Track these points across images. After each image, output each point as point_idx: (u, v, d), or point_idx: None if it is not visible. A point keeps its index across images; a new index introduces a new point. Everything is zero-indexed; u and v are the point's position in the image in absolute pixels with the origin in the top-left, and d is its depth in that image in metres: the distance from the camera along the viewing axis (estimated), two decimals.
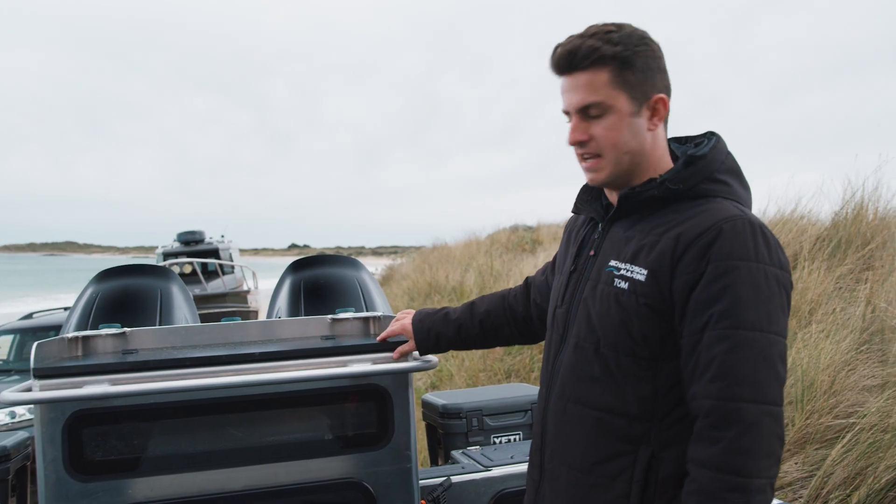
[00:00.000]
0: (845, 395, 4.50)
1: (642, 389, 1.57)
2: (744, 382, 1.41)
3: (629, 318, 1.57)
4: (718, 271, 1.46)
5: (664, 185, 1.59)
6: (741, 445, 1.40)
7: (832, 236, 6.87)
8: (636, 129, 1.61)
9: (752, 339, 1.43)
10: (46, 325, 9.55)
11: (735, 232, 1.48)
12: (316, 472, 2.24)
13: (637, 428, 1.58)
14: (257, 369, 2.12)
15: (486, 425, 3.42)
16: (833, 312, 5.46)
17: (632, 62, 1.58)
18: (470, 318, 2.18)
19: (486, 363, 8.67)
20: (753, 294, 1.44)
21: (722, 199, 1.58)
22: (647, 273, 1.55)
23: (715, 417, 1.43)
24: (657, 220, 1.60)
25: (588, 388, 1.65)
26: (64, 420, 2.02)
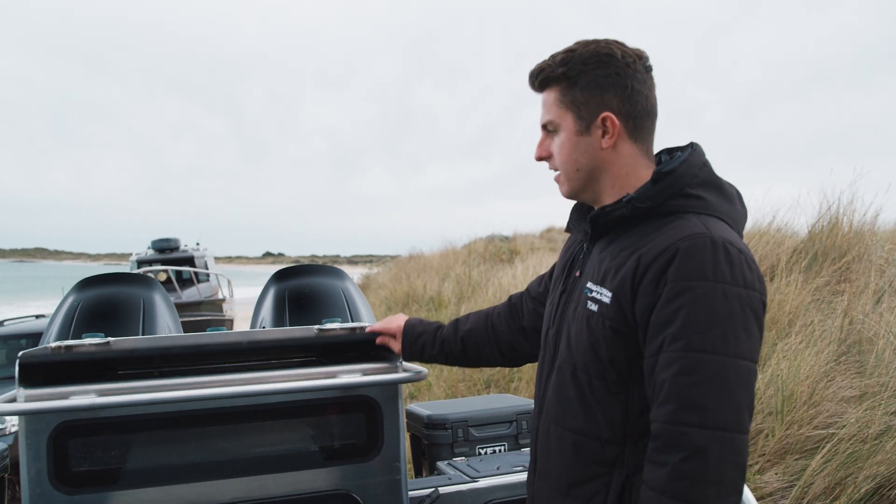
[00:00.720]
0: (824, 406, 4.54)
1: (613, 413, 1.57)
2: (691, 407, 1.38)
3: (597, 341, 1.57)
4: (673, 293, 1.44)
5: (631, 203, 1.58)
6: (684, 471, 1.37)
7: (808, 249, 6.95)
8: (585, 148, 1.64)
9: (702, 361, 1.39)
10: (17, 332, 9.40)
11: (692, 251, 1.44)
12: (305, 484, 2.21)
13: (610, 451, 1.57)
14: (246, 380, 2.10)
15: (471, 436, 3.41)
16: (811, 324, 5.52)
17: (575, 82, 1.62)
18: (453, 335, 2.18)
19: (465, 373, 8.66)
20: (707, 315, 1.41)
21: (692, 215, 1.54)
22: (612, 296, 1.54)
23: (662, 441, 1.42)
24: (627, 241, 1.59)
25: (566, 410, 1.66)
26: (49, 431, 1.98)
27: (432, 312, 12.06)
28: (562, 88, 1.64)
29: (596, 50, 1.62)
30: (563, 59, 1.63)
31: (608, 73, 1.60)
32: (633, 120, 1.63)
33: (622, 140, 1.63)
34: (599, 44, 1.62)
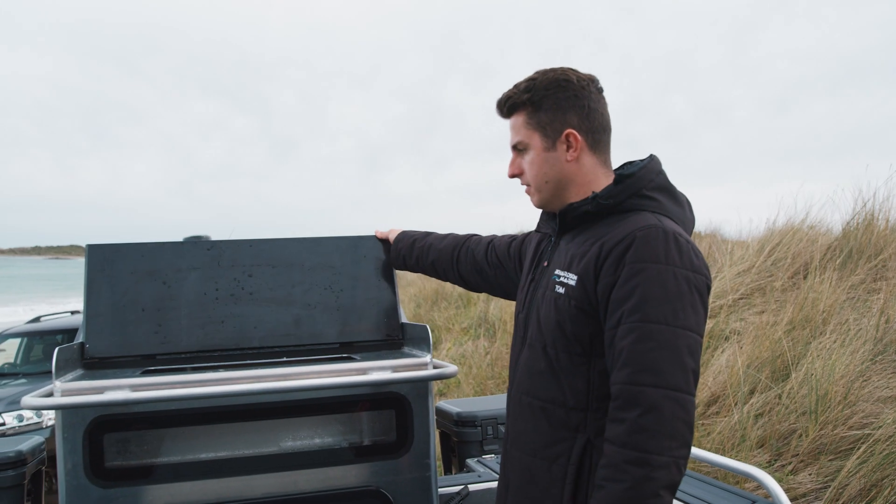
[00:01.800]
0: (860, 406, 4.47)
1: (577, 383, 1.76)
2: (647, 369, 1.57)
3: (563, 319, 1.77)
4: (630, 273, 1.64)
5: (596, 200, 1.80)
6: (642, 425, 1.55)
7: (843, 246, 6.85)
8: (552, 162, 1.87)
9: (657, 331, 1.59)
10: (53, 328, 9.57)
11: (648, 239, 1.65)
12: (335, 480, 2.22)
13: (574, 417, 1.76)
14: (279, 376, 2.11)
15: (500, 433, 3.40)
16: (846, 323, 5.44)
17: (540, 105, 1.86)
18: (427, 255, 2.52)
19: (493, 371, 8.66)
20: (660, 292, 1.61)
21: (648, 213, 1.76)
22: (577, 279, 1.76)
23: (621, 401, 1.60)
24: (590, 233, 1.81)
25: (536, 382, 1.85)
26: (85, 426, 2.01)
27: (461, 309, 12.06)
28: (528, 112, 1.88)
29: (555, 77, 1.86)
30: (526, 86, 1.88)
31: (567, 96, 1.84)
32: (592, 134, 1.87)
33: (584, 153, 1.87)
34: (557, 71, 1.87)
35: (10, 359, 9.54)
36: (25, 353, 9.41)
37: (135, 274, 2.37)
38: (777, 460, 4.53)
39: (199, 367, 2.23)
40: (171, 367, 2.26)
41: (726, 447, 4.74)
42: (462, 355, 9.71)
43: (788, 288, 6.60)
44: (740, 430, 4.79)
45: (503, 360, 8.71)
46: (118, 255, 2.37)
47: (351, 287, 2.55)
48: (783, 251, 7.09)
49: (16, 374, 8.92)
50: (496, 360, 8.87)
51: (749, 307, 6.55)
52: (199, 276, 2.42)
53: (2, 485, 2.70)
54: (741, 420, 4.84)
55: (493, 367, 8.75)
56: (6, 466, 2.73)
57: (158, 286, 2.37)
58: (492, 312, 10.56)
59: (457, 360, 9.57)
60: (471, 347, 9.85)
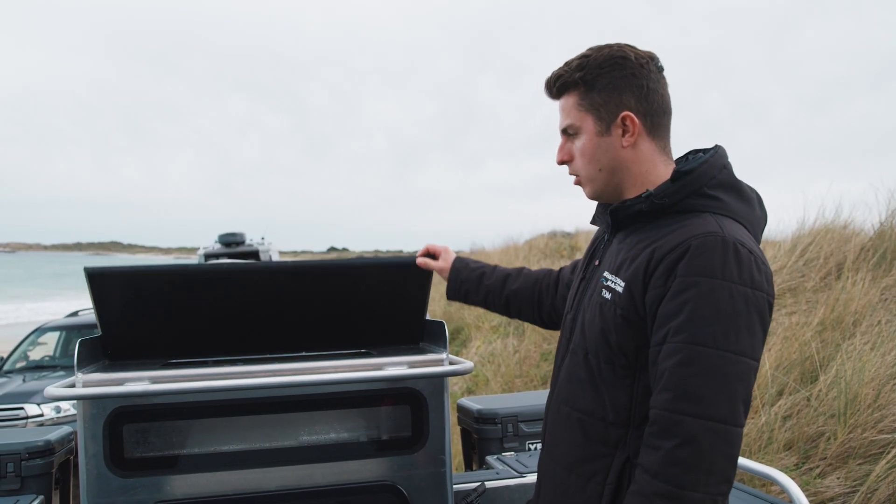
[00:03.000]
0: (891, 410, 4.40)
1: (619, 396, 1.63)
2: (688, 397, 1.44)
3: (608, 328, 1.63)
4: (681, 287, 1.49)
5: (650, 199, 1.63)
6: (677, 457, 1.43)
7: (877, 246, 6.72)
8: (606, 147, 1.70)
9: (704, 354, 1.44)
10: (91, 322, 9.78)
11: (704, 249, 1.49)
12: (350, 474, 2.25)
13: (614, 433, 1.63)
14: (296, 370, 2.15)
15: (521, 431, 3.41)
16: (878, 324, 5.35)
17: (593, 85, 1.69)
18: (500, 290, 2.31)
19: (521, 369, 8.65)
20: (712, 311, 1.46)
21: (709, 215, 1.59)
22: (625, 285, 1.61)
23: (658, 427, 1.47)
24: (643, 235, 1.65)
25: (576, 391, 1.73)
26: (105, 416, 2.06)
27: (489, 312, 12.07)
28: (580, 92, 1.71)
29: (610, 53, 1.69)
30: (578, 64, 1.71)
31: (624, 75, 1.68)
32: (651, 118, 1.70)
33: (641, 138, 1.70)
34: (612, 48, 1.70)
35: (49, 352, 9.77)
36: (64, 346, 9.63)
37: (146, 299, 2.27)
38: (805, 463, 4.47)
39: (218, 361, 2.28)
40: (191, 360, 2.31)
41: (753, 449, 4.70)
42: (491, 353, 9.72)
43: (820, 289, 6.50)
44: (767, 433, 4.74)
45: (531, 359, 8.70)
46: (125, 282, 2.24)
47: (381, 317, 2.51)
48: (815, 251, 6.98)
49: (54, 367, 9.14)
50: (525, 359, 8.86)
51: (780, 308, 6.46)
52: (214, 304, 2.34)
53: (30, 473, 2.78)
54: (768, 422, 4.78)
55: (522, 365, 8.74)
56: (34, 455, 2.80)
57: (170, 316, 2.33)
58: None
59: (485, 359, 9.58)
60: (500, 346, 9.85)
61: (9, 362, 9.33)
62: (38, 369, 9.07)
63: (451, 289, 2.38)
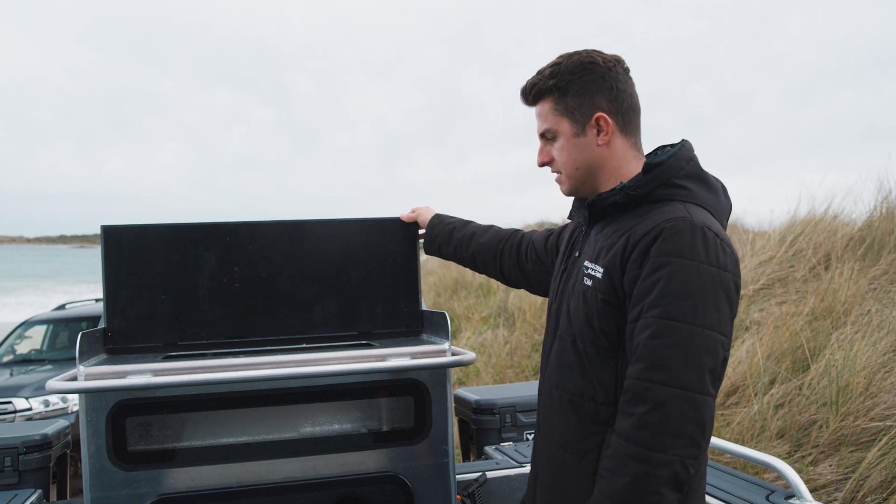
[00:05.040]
0: (882, 398, 4.44)
1: (605, 377, 1.73)
2: (659, 366, 1.54)
3: (591, 312, 1.74)
4: (653, 267, 1.60)
5: (624, 191, 1.74)
6: (647, 421, 1.53)
7: (865, 237, 6.78)
8: (583, 147, 1.82)
9: (674, 327, 1.55)
10: (79, 315, 9.70)
11: (674, 232, 1.60)
12: (354, 465, 2.25)
13: (604, 412, 1.73)
14: (298, 362, 2.14)
15: (518, 422, 3.42)
16: (868, 313, 5.39)
17: (566, 90, 1.81)
18: (467, 244, 2.47)
19: (513, 359, 8.67)
20: (681, 288, 1.56)
21: (678, 203, 1.70)
22: (603, 271, 1.72)
23: (630, 395, 1.58)
24: (619, 224, 1.76)
25: (565, 375, 1.82)
26: (108, 409, 2.05)
27: (481, 299, 12.08)
28: (554, 98, 1.83)
29: (580, 60, 1.81)
30: (551, 72, 1.82)
31: (594, 79, 1.80)
32: (622, 116, 1.82)
33: (615, 136, 1.82)
34: (581, 54, 1.82)
35: (36, 345, 9.70)
36: (51, 339, 9.56)
37: (152, 258, 2.35)
38: (797, 451, 4.51)
39: (219, 353, 2.26)
40: (192, 352, 2.29)
41: (746, 437, 4.73)
42: (481, 344, 9.73)
43: (810, 279, 6.55)
44: (760, 421, 4.77)
45: (522, 350, 8.71)
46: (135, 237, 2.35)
47: (372, 273, 2.53)
48: (805, 242, 7.03)
49: (42, 361, 9.06)
50: (515, 350, 8.88)
51: (770, 298, 6.50)
52: (217, 260, 2.41)
53: (27, 467, 2.76)
54: (761, 410, 4.82)
55: (513, 356, 8.76)
56: (32, 449, 2.78)
57: (177, 271, 2.37)
58: (511, 302, 10.57)
59: (476, 349, 9.59)
60: (490, 336, 9.86)
61: None
62: (26, 363, 8.99)
63: (427, 241, 2.54)
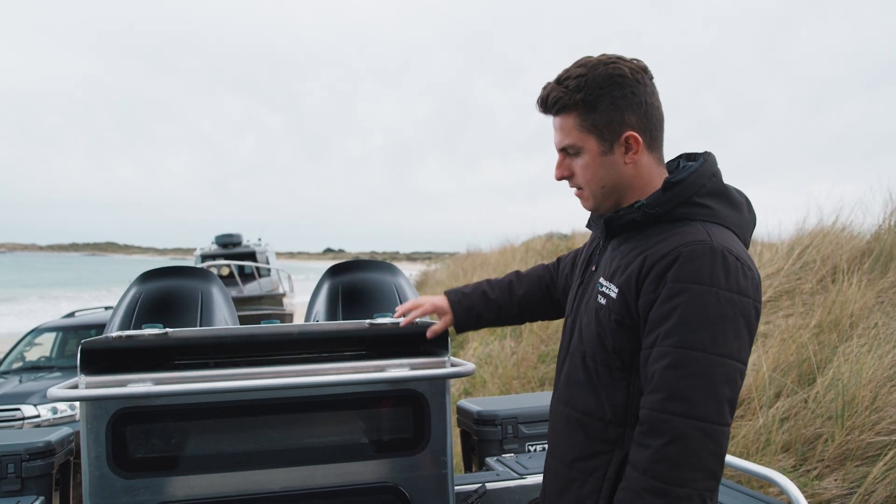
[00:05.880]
0: (888, 412, 4.41)
1: (616, 397, 1.69)
2: (677, 398, 1.50)
3: (604, 332, 1.70)
4: (671, 293, 1.55)
5: (642, 209, 1.68)
6: (665, 454, 1.49)
7: (873, 249, 6.75)
8: (609, 166, 1.72)
9: (692, 357, 1.50)
10: (88, 323, 9.75)
11: (692, 257, 1.55)
12: (352, 476, 2.26)
13: (613, 431, 1.70)
14: (297, 372, 2.15)
15: (520, 433, 3.42)
16: (875, 327, 5.36)
17: (595, 106, 1.68)
18: (509, 299, 2.29)
19: (519, 370, 8.65)
20: (700, 316, 1.51)
21: (698, 223, 1.64)
22: (618, 291, 1.66)
23: (647, 426, 1.54)
24: (636, 242, 1.70)
25: (575, 393, 1.79)
26: (108, 417, 2.07)
27: None
28: (580, 113, 1.70)
29: (607, 73, 1.68)
30: (577, 84, 1.69)
31: (624, 94, 1.68)
32: (650, 133, 1.72)
33: (642, 153, 1.72)
34: (608, 65, 1.69)
35: (45, 353, 9.75)
36: (61, 347, 9.61)
37: None
38: (802, 465, 4.49)
39: (220, 363, 2.28)
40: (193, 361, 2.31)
41: (750, 451, 4.71)
42: (488, 355, 9.72)
43: (817, 291, 6.52)
44: (765, 434, 4.75)
45: (529, 361, 8.70)
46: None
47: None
48: (812, 254, 7.00)
49: (51, 368, 9.11)
50: (522, 361, 8.86)
51: (776, 310, 6.48)
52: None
53: (30, 474, 2.78)
54: (766, 424, 4.79)
55: (519, 367, 8.75)
56: (35, 456, 2.80)
57: None
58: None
59: (483, 360, 9.58)
60: (497, 347, 9.85)
61: (5, 363, 9.31)
62: (35, 370, 9.04)
63: (461, 320, 2.28)
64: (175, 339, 2.20)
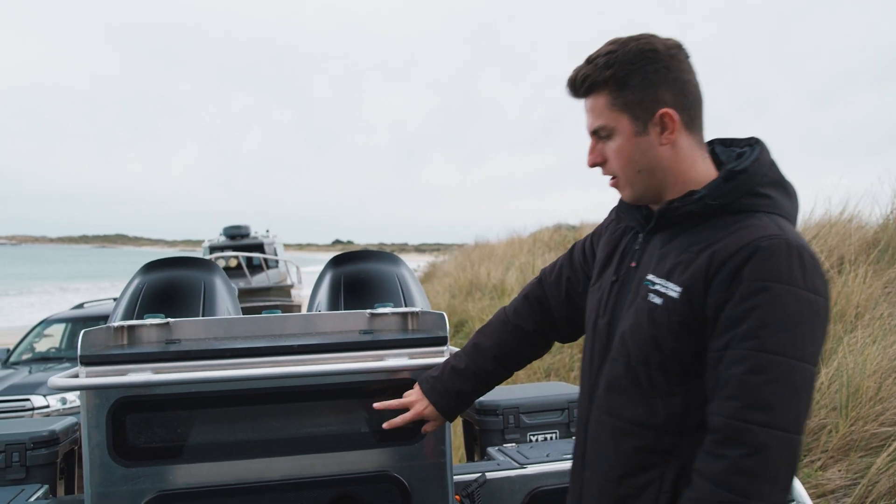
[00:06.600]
0: (892, 402, 4.41)
1: (673, 404, 1.56)
2: (757, 405, 1.39)
3: (660, 334, 1.56)
4: (748, 291, 1.43)
5: (702, 201, 1.56)
6: (744, 466, 1.39)
7: (880, 240, 6.72)
8: (645, 147, 1.61)
9: (772, 362, 1.40)
10: (97, 314, 9.82)
11: (770, 252, 1.44)
12: (351, 465, 2.27)
13: (667, 441, 1.57)
14: (296, 361, 2.16)
15: (522, 423, 3.42)
16: (880, 317, 5.35)
17: (626, 83, 1.58)
18: (482, 359, 2.10)
19: None
20: (780, 317, 1.41)
21: (763, 215, 1.54)
22: (682, 291, 1.53)
23: (723, 435, 1.42)
24: (695, 237, 1.57)
25: (620, 401, 1.65)
26: (109, 406, 2.09)
27: (495, 300, 12.07)
28: (611, 92, 1.60)
29: (638, 47, 1.58)
30: (606, 61, 1.59)
31: (657, 69, 1.58)
32: (688, 111, 1.61)
33: (680, 134, 1.61)
34: (639, 41, 1.59)
35: (55, 343, 9.84)
36: (70, 338, 9.69)
37: None
38: (806, 456, 4.48)
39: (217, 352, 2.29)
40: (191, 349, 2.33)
41: None
42: None
43: None
44: None
45: None
46: None
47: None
48: (819, 245, 6.97)
49: (60, 359, 9.20)
50: None
51: None
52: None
53: (34, 463, 2.80)
54: None
55: None
56: (39, 445, 2.83)
57: None
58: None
59: None
60: None
61: (15, 354, 9.39)
62: (44, 361, 9.12)
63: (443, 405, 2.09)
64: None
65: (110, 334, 2.31)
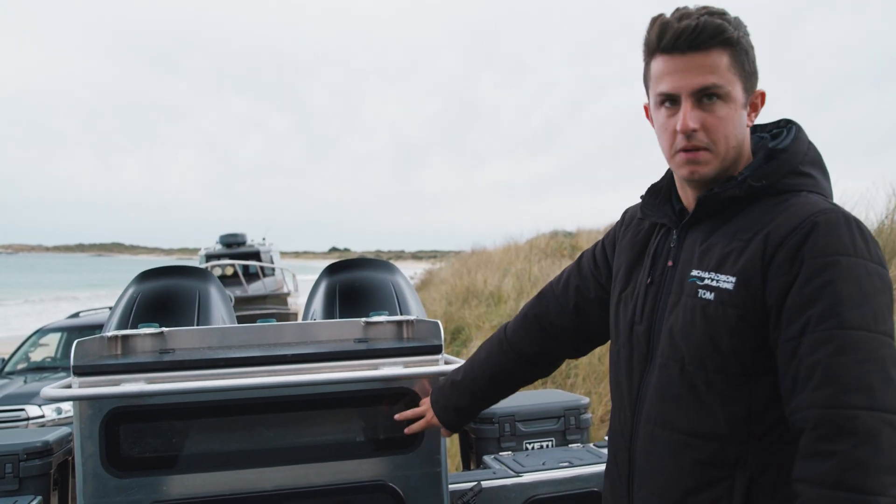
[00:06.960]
0: None
1: (735, 409, 1.44)
2: (855, 388, 1.24)
3: (717, 332, 1.44)
4: (815, 268, 1.33)
5: (745, 182, 1.47)
6: (859, 458, 1.21)
7: None
8: (740, 123, 1.51)
9: (859, 339, 1.27)
10: (92, 323, 9.81)
11: (830, 225, 1.35)
12: (346, 474, 2.26)
13: (732, 451, 1.44)
14: (291, 370, 2.15)
15: (518, 431, 3.41)
16: None
17: (747, 50, 1.48)
18: (478, 377, 2.08)
19: None
20: (856, 291, 1.30)
21: (808, 193, 1.46)
22: (736, 281, 1.42)
23: (825, 429, 1.26)
24: (740, 223, 1.48)
25: (674, 411, 1.52)
26: (102, 417, 2.07)
27: (492, 307, 12.07)
28: (735, 53, 1.46)
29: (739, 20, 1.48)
30: (735, 20, 1.47)
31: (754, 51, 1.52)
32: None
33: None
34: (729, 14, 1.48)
35: (50, 353, 9.81)
36: (65, 347, 9.67)
37: None
38: None
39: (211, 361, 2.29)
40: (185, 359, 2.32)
41: None
42: None
43: None
44: None
45: None
46: None
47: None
48: None
49: (55, 368, 9.18)
50: None
51: None
52: None
53: (28, 474, 2.79)
54: None
55: None
56: (32, 456, 2.81)
57: None
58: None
59: None
60: None
61: (10, 363, 9.36)
62: (40, 370, 9.10)
63: (444, 420, 2.12)
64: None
65: (104, 344, 2.30)
